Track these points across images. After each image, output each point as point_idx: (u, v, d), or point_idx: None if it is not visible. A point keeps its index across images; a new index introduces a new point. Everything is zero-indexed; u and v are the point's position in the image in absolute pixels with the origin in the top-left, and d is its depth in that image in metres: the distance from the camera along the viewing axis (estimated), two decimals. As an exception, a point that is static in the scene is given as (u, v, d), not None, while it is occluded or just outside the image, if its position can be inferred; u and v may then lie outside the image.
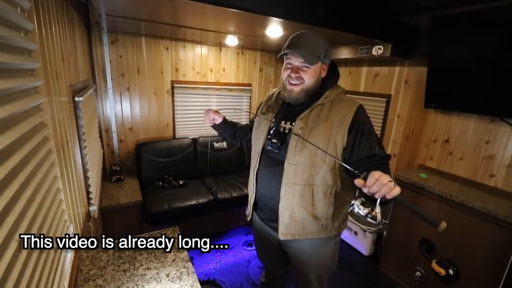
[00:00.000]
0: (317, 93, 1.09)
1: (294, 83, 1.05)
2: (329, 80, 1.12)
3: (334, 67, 1.15)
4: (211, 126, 1.38)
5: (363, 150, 0.99)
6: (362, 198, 0.82)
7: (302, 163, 1.05)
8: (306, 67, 1.02)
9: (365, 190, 0.79)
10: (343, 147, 1.02)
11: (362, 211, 0.81)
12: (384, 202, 0.79)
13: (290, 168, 1.07)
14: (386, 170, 0.95)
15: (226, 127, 1.39)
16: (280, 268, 1.47)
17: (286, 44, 1.06)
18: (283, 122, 1.14)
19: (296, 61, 1.03)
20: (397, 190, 0.75)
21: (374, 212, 0.79)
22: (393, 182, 0.75)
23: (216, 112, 1.33)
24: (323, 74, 1.09)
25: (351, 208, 0.85)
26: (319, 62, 1.04)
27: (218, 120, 1.34)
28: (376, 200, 0.77)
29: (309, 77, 1.03)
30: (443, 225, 0.73)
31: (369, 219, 0.80)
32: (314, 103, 1.08)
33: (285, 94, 1.10)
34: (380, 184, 0.74)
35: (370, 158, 0.98)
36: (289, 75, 1.05)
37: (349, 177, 1.07)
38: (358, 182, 0.79)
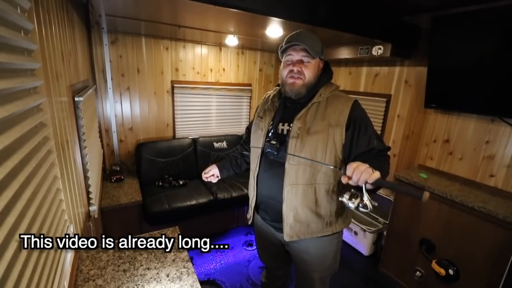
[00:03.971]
0: (312, 91, 1.10)
1: (296, 77, 1.06)
2: (322, 77, 1.13)
3: (326, 65, 1.17)
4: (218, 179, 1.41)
5: (362, 145, 1.01)
6: (348, 192, 0.85)
7: (302, 162, 1.05)
8: (308, 61, 1.05)
9: (351, 183, 0.82)
10: (343, 144, 1.03)
11: (352, 203, 0.84)
12: (370, 190, 0.82)
13: (292, 168, 1.07)
14: (383, 163, 0.97)
15: (228, 168, 1.41)
16: (281, 268, 1.47)
17: (285, 41, 1.08)
18: (280, 124, 1.14)
19: (298, 55, 1.06)
20: (376, 174, 0.78)
21: (363, 201, 0.82)
22: (371, 168, 0.79)
23: (208, 172, 1.37)
24: (319, 72, 1.12)
25: (342, 203, 0.88)
26: (318, 58, 1.08)
27: (217, 172, 1.37)
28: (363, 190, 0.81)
29: (310, 71, 1.06)
30: (426, 195, 0.73)
31: (361, 209, 0.83)
32: (310, 102, 1.09)
33: (287, 88, 1.10)
34: (359, 171, 0.78)
35: (369, 152, 1.00)
36: (291, 70, 1.07)
37: None
38: (343, 179, 0.83)
